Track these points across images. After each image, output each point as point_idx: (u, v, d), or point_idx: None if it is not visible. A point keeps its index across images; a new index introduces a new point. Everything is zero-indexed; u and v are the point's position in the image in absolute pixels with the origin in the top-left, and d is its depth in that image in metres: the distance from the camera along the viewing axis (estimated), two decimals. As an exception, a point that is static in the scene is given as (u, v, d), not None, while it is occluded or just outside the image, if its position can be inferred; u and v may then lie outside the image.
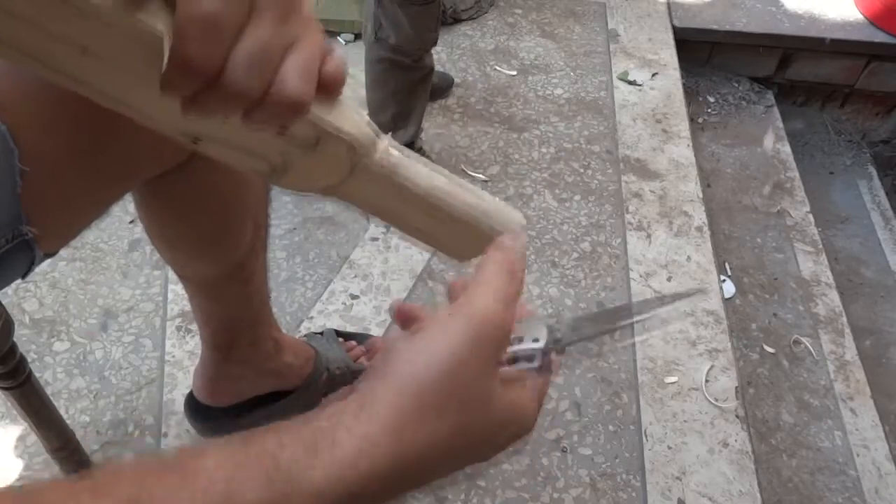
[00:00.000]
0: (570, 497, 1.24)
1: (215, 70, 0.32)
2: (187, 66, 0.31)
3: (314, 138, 0.40)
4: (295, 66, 0.34)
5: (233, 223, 0.84)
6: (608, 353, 1.47)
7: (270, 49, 0.33)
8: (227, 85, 0.33)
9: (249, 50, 0.32)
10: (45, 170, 0.57)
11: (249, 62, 0.32)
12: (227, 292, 0.94)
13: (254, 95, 0.34)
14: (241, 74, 0.33)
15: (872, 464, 1.58)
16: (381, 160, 0.43)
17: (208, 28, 0.31)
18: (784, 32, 2.45)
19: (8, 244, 0.57)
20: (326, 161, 0.42)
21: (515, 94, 2.10)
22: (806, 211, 2.17)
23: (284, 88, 0.34)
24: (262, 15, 0.33)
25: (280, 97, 0.34)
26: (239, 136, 0.40)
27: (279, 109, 0.34)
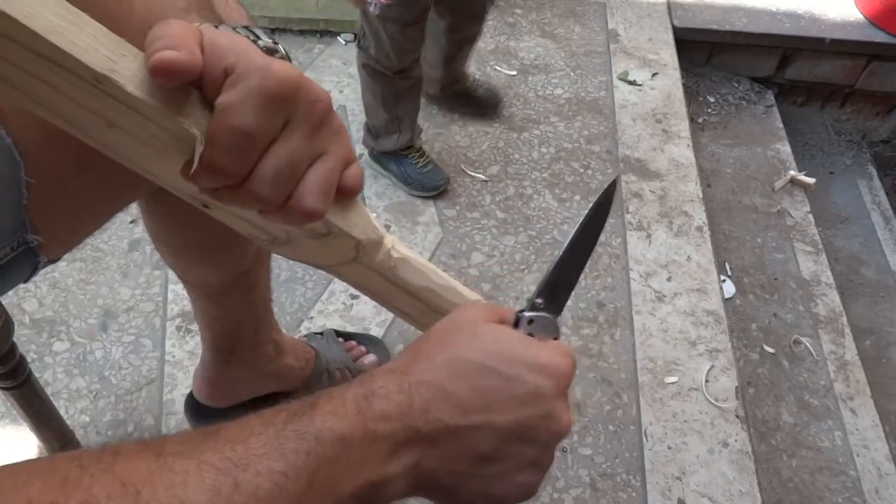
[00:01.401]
0: (570, 497, 1.24)
1: (241, 178, 0.33)
2: (214, 171, 0.32)
3: (324, 232, 0.41)
4: (316, 182, 0.35)
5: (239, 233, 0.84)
6: (608, 354, 1.47)
7: (296, 164, 0.34)
8: (249, 192, 0.33)
9: (277, 164, 0.33)
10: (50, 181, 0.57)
11: (275, 176, 0.33)
12: (231, 298, 0.94)
13: (273, 205, 0.34)
14: (265, 186, 0.33)
15: (872, 464, 1.58)
16: (384, 259, 0.45)
17: (242, 140, 0.32)
18: (784, 32, 2.45)
19: (13, 252, 0.57)
20: (329, 248, 0.43)
21: (515, 94, 2.10)
22: (806, 211, 2.16)
23: (303, 202, 0.35)
24: (294, 130, 0.34)
25: (297, 209, 0.35)
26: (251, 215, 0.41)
27: (294, 217, 0.35)
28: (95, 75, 0.31)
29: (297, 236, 0.42)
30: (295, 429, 0.33)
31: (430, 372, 0.37)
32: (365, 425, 0.34)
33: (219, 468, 0.31)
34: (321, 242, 0.42)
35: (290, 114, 0.33)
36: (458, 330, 0.39)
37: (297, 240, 0.43)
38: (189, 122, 0.33)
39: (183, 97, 0.33)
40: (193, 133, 0.32)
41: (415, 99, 1.67)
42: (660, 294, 1.60)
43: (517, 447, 0.37)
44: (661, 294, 1.60)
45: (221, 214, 0.43)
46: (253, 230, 0.43)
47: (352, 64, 2.12)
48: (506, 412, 0.37)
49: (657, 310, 1.57)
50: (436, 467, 0.36)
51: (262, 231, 0.43)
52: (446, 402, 0.36)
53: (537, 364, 0.38)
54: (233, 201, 0.34)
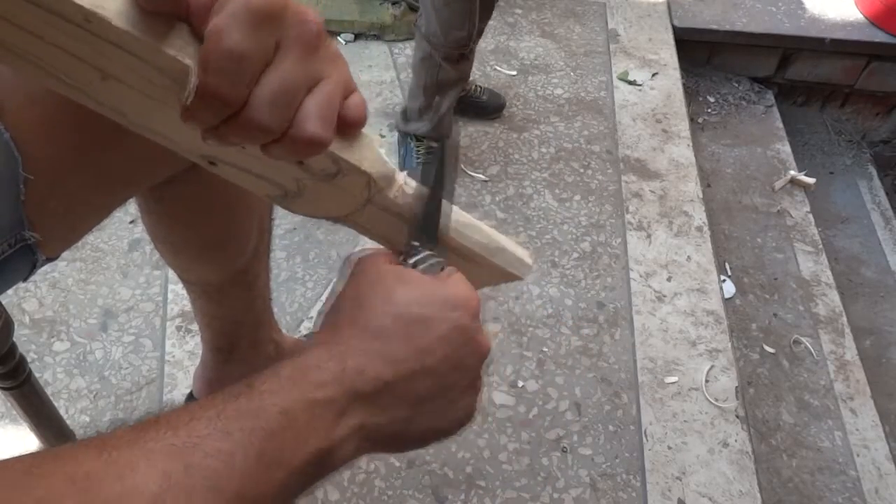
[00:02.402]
0: (570, 497, 1.24)
1: (238, 104, 0.32)
2: (211, 99, 0.32)
3: (333, 171, 0.40)
4: (316, 106, 0.34)
5: (238, 228, 0.84)
6: (608, 354, 1.47)
7: (293, 87, 0.34)
8: (248, 119, 0.33)
9: (273, 87, 0.33)
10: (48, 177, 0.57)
11: (272, 99, 0.33)
12: (230, 296, 0.94)
13: (274, 132, 0.34)
14: (264, 111, 0.33)
15: (872, 464, 1.58)
16: (398, 196, 0.43)
17: (233, 63, 0.31)
18: (784, 32, 2.45)
19: (10, 249, 0.57)
20: (342, 192, 0.42)
21: (515, 94, 2.10)
22: (806, 211, 2.16)
23: (304, 128, 0.34)
24: (287, 52, 0.33)
25: (299, 136, 0.34)
26: (256, 163, 0.40)
27: (298, 147, 0.35)
28: (84, 13, 0.30)
29: (307, 184, 0.41)
30: (236, 408, 0.34)
31: (356, 335, 0.38)
32: (304, 395, 0.35)
33: (166, 453, 0.31)
34: (332, 186, 0.41)
35: (280, 34, 0.33)
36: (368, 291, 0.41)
37: (308, 188, 0.42)
38: (181, 54, 0.32)
39: (173, 31, 0.32)
40: (187, 64, 0.32)
41: (454, 94, 1.70)
42: (660, 294, 1.60)
43: (450, 379, 0.40)
44: (661, 294, 1.60)
45: (229, 171, 0.42)
46: (263, 185, 0.42)
47: (352, 64, 2.12)
48: (434, 352, 0.39)
49: (657, 310, 1.56)
50: (380, 421, 0.38)
51: (272, 184, 0.42)
52: (378, 358, 0.38)
53: (448, 300, 0.40)
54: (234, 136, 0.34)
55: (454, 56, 1.60)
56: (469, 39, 1.58)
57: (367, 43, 2.19)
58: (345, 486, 1.21)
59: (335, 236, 1.60)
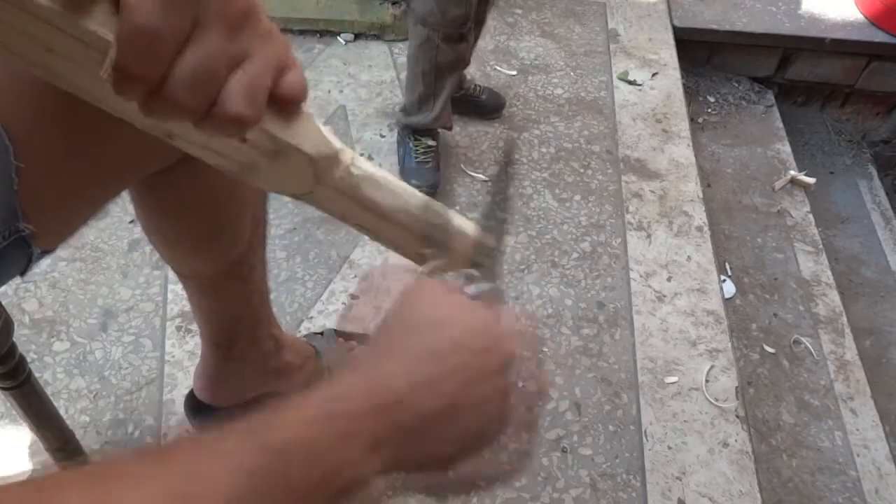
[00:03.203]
0: (570, 497, 1.24)
1: (153, 82, 0.32)
2: (127, 76, 0.31)
3: (275, 149, 0.40)
4: (240, 85, 0.34)
5: (231, 219, 0.84)
6: (608, 354, 1.47)
7: (213, 65, 0.33)
8: (167, 97, 0.32)
9: (190, 66, 0.32)
10: (41, 166, 0.56)
11: (191, 78, 0.32)
12: (226, 290, 0.94)
13: (195, 111, 0.33)
14: (182, 89, 0.32)
15: (872, 464, 1.58)
16: (344, 177, 0.43)
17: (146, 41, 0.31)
18: (784, 32, 2.45)
19: (4, 241, 0.57)
20: (290, 170, 0.42)
21: (515, 94, 2.10)
22: (806, 211, 2.16)
23: (226, 107, 0.33)
24: (206, 30, 0.32)
25: (222, 115, 0.34)
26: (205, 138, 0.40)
27: (224, 126, 0.34)
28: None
29: (256, 159, 0.41)
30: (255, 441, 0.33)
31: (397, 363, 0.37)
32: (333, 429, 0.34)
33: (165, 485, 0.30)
34: (279, 164, 0.41)
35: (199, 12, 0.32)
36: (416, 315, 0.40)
37: (260, 164, 0.42)
38: (103, 29, 0.32)
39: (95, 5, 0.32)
40: (108, 40, 0.32)
41: (454, 79, 1.67)
42: (660, 294, 1.60)
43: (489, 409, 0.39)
44: (661, 294, 1.60)
45: (184, 145, 0.42)
46: (219, 159, 0.42)
47: (352, 64, 2.12)
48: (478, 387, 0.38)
49: (657, 310, 1.56)
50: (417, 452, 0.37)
51: (227, 159, 0.42)
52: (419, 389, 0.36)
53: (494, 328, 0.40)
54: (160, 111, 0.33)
55: (454, 36, 1.58)
56: (467, 18, 1.56)
57: (367, 43, 2.19)
58: (345, 486, 1.21)
59: (335, 236, 1.60)
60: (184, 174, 0.71)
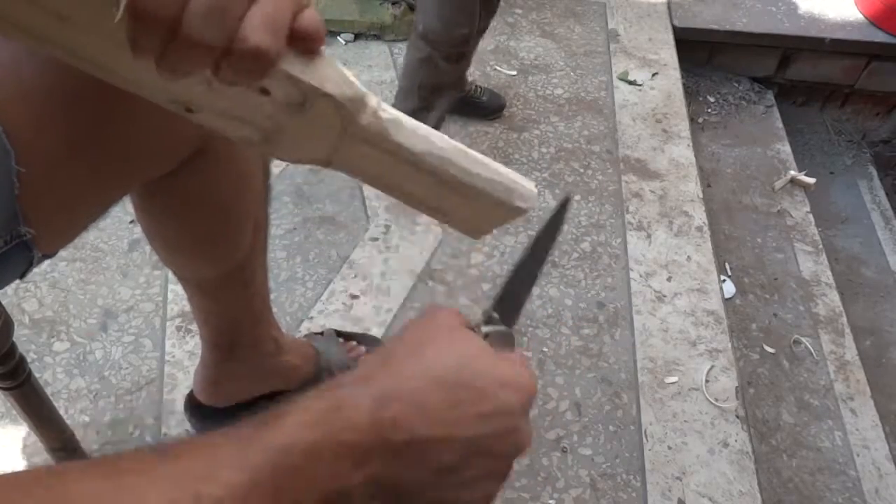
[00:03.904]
0: (570, 497, 1.24)
1: (170, 19, 0.31)
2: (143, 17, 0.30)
3: (300, 98, 0.38)
4: (259, 16, 0.32)
5: (232, 224, 0.84)
6: (608, 354, 1.47)
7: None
8: (185, 37, 0.31)
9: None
10: (42, 171, 0.56)
11: (206, 10, 0.31)
12: (227, 293, 0.94)
13: (215, 46, 0.32)
14: (199, 23, 0.31)
15: (872, 464, 1.58)
16: (372, 122, 0.41)
17: None
18: (784, 32, 2.45)
19: (6, 245, 0.56)
20: (316, 124, 0.40)
21: (515, 94, 2.10)
22: (806, 211, 2.17)
23: (247, 38, 0.32)
24: None
25: (243, 48, 0.32)
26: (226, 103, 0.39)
27: (245, 62, 0.33)
28: None
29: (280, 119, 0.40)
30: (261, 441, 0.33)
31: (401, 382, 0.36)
32: (333, 436, 0.33)
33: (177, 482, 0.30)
34: (304, 120, 0.39)
35: None
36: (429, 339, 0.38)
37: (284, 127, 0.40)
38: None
39: None
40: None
41: (449, 97, 1.66)
42: (660, 294, 1.60)
43: (480, 459, 0.37)
44: (661, 294, 1.60)
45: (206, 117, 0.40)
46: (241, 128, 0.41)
47: (352, 64, 2.12)
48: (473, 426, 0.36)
49: (657, 310, 1.57)
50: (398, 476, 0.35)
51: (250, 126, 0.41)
52: (416, 413, 0.35)
53: (505, 380, 0.38)
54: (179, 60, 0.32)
55: (454, 55, 1.57)
56: (471, 37, 1.56)
57: (367, 43, 2.19)
58: (345, 486, 1.21)
59: (335, 236, 1.60)
60: (185, 178, 0.71)
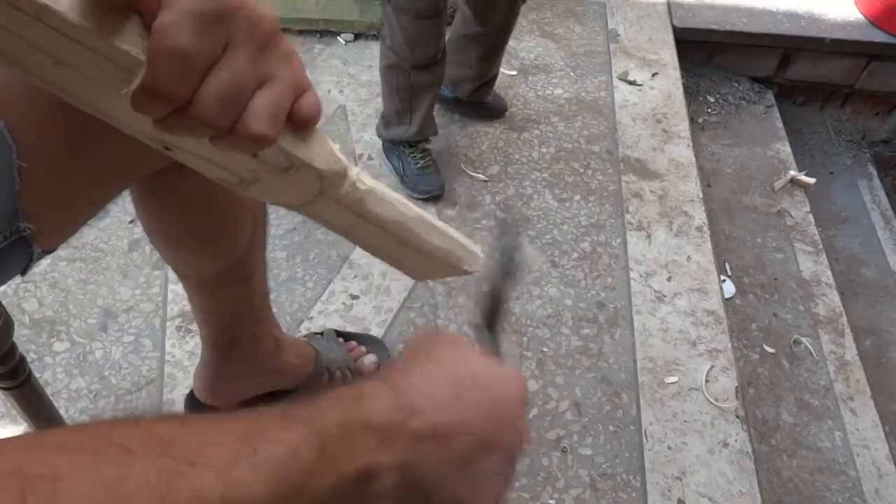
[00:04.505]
0: (570, 497, 1.24)
1: (183, 101, 0.33)
2: (156, 95, 0.32)
3: (286, 165, 0.40)
4: (263, 105, 0.34)
5: (232, 220, 0.84)
6: (608, 354, 1.47)
7: (240, 86, 0.34)
8: (193, 116, 0.33)
9: (219, 86, 0.33)
10: (43, 166, 0.57)
11: (218, 98, 0.33)
12: (226, 290, 0.94)
13: (219, 129, 0.34)
14: (209, 108, 0.33)
15: (872, 464, 1.58)
16: (349, 192, 0.44)
17: (178, 62, 0.31)
18: (784, 32, 2.45)
19: (5, 241, 0.57)
20: (295, 184, 0.42)
21: (515, 94, 2.10)
22: (806, 211, 2.17)
23: (250, 126, 0.34)
24: (236, 51, 0.33)
25: (245, 133, 0.34)
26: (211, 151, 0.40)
27: (244, 143, 0.35)
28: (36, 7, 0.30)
29: (261, 174, 0.42)
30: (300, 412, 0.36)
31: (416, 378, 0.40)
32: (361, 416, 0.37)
33: (237, 436, 0.33)
34: (286, 178, 0.42)
35: (230, 34, 0.33)
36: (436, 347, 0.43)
37: (263, 178, 0.42)
38: (135, 49, 0.32)
39: (126, 23, 0.32)
40: (141, 59, 0.32)
41: (430, 95, 1.66)
42: (660, 294, 1.60)
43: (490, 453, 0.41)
44: (661, 294, 1.60)
45: (184, 157, 0.42)
46: (220, 172, 0.43)
47: (352, 64, 2.12)
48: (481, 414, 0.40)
49: (657, 310, 1.57)
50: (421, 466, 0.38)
51: (228, 172, 0.43)
52: (432, 404, 0.39)
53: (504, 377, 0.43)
54: (182, 128, 0.34)
55: (423, 66, 1.57)
56: (436, 55, 1.56)
57: (367, 43, 2.20)
58: (345, 486, 1.21)
59: (335, 236, 1.59)
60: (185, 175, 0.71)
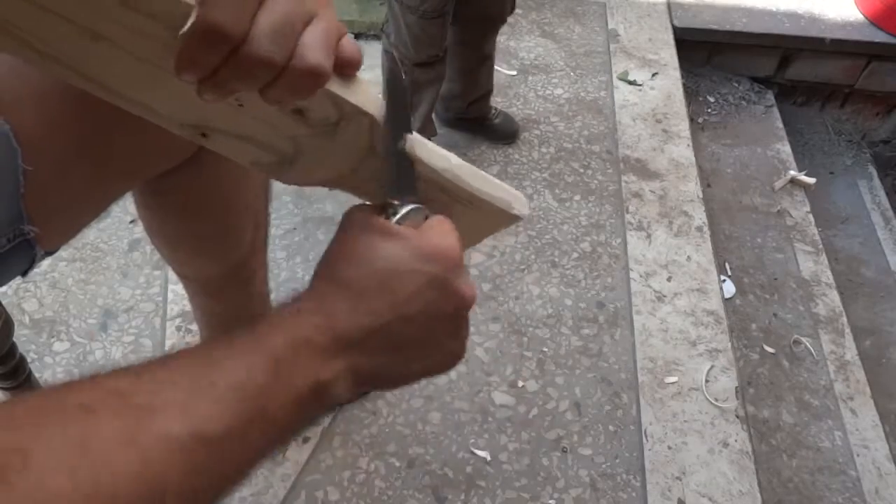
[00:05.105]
0: (570, 497, 1.24)
1: (240, 36, 0.32)
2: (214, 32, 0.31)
3: (335, 118, 0.40)
4: (315, 37, 0.35)
5: (233, 222, 0.84)
6: (608, 354, 1.47)
7: (293, 17, 0.34)
8: (249, 53, 0.33)
9: (273, 17, 0.33)
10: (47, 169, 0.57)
11: (273, 28, 0.33)
12: (228, 292, 0.94)
13: (277, 63, 0.34)
14: (266, 41, 0.33)
15: (872, 464, 1.58)
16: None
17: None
18: (784, 32, 2.45)
19: (9, 244, 0.57)
20: (343, 144, 0.41)
21: (515, 94, 2.10)
22: (806, 211, 2.17)
23: (306, 56, 0.34)
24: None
25: (302, 66, 0.34)
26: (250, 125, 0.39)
27: (300, 80, 0.35)
28: None
29: (303, 142, 0.41)
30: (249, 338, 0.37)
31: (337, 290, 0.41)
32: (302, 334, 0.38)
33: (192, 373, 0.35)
34: (333, 139, 0.41)
35: None
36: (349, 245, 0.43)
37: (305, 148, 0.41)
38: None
39: None
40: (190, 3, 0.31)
41: (431, 94, 1.65)
42: (660, 294, 1.60)
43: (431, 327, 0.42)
44: (661, 294, 1.60)
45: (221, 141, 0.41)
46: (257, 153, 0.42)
47: (352, 64, 2.12)
48: (410, 304, 0.41)
49: (657, 310, 1.56)
50: (368, 364, 0.40)
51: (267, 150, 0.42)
52: (360, 308, 0.40)
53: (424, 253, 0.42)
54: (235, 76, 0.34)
55: (424, 64, 1.57)
56: (438, 55, 1.56)
57: (367, 43, 2.19)
58: (345, 485, 1.21)
59: (335, 236, 1.60)
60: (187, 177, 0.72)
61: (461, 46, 1.70)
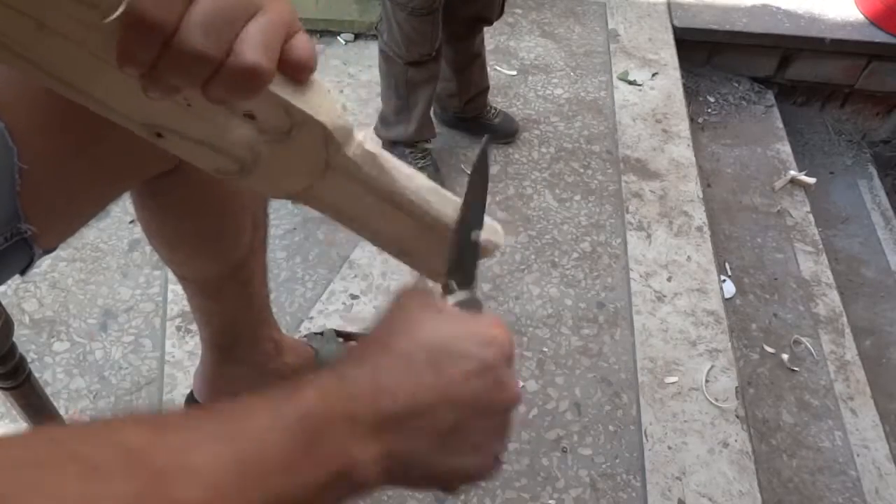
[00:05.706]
0: (570, 497, 1.24)
1: (169, 26, 0.31)
2: (142, 21, 0.30)
3: (286, 126, 0.37)
4: (255, 34, 0.32)
5: (232, 222, 0.84)
6: (608, 354, 1.47)
7: (228, 11, 0.32)
8: (181, 45, 0.31)
9: (206, 9, 0.31)
10: (43, 168, 0.57)
11: (205, 21, 0.31)
12: (226, 292, 0.94)
13: (211, 58, 0.32)
14: (197, 34, 0.31)
15: (872, 464, 1.58)
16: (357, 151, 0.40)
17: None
18: (784, 32, 2.45)
19: (6, 242, 0.57)
20: (300, 154, 0.39)
21: (515, 94, 2.10)
22: (806, 211, 2.17)
23: (242, 54, 0.32)
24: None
25: (238, 64, 0.32)
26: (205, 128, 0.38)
27: (238, 79, 0.33)
28: None
29: (261, 150, 0.39)
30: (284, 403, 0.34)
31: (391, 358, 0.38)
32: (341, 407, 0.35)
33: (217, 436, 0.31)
34: (288, 147, 0.38)
35: None
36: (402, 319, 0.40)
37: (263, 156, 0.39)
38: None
39: None
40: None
41: (428, 93, 1.65)
42: (660, 294, 1.60)
43: (478, 419, 0.39)
44: (661, 294, 1.60)
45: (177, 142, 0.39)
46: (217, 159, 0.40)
47: (352, 64, 2.12)
48: (460, 386, 0.38)
49: (657, 310, 1.56)
50: (405, 448, 0.37)
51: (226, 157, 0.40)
52: (407, 383, 0.37)
53: (480, 338, 0.40)
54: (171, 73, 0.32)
55: (418, 62, 1.57)
56: (431, 52, 1.56)
57: (367, 43, 2.19)
58: (345, 486, 1.21)
59: (335, 236, 1.60)
60: (186, 176, 0.71)
61: (447, 45, 1.70)
